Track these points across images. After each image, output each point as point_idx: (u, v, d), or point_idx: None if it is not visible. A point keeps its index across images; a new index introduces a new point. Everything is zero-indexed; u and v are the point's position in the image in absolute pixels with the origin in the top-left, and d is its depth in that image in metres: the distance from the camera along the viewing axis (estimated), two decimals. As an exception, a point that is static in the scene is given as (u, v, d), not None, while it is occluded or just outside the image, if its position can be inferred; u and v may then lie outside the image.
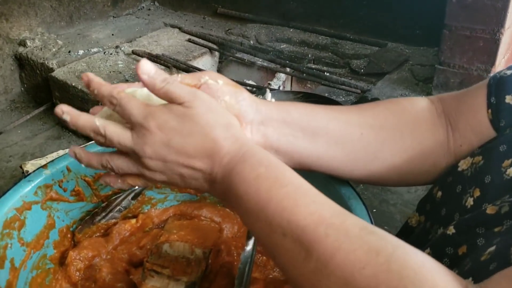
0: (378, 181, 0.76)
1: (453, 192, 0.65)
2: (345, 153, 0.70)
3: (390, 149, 0.71)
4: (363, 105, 0.75)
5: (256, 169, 0.55)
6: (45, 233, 0.83)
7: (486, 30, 1.36)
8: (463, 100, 0.71)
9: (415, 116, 0.72)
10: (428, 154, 0.72)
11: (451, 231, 0.57)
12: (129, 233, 0.91)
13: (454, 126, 0.71)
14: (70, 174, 0.87)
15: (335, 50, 1.93)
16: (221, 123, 0.58)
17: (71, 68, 1.78)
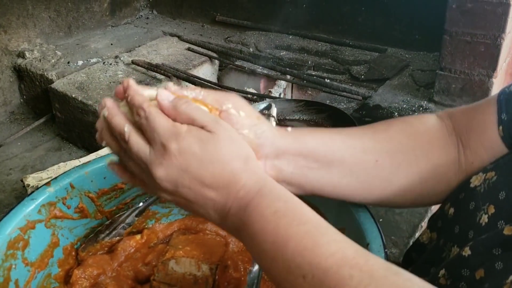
0: (392, 204, 0.76)
1: (466, 209, 0.63)
2: (359, 181, 0.69)
3: (405, 173, 0.70)
4: (376, 127, 0.73)
5: (274, 204, 0.53)
6: (50, 251, 0.82)
7: (487, 35, 1.36)
8: (473, 117, 0.70)
9: (427, 136, 0.71)
10: (441, 174, 0.71)
11: (466, 252, 0.56)
12: (134, 249, 0.90)
13: (465, 144, 0.70)
14: (74, 191, 0.86)
15: (335, 56, 1.92)
16: (241, 155, 0.56)
17: (71, 80, 1.77)
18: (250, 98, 1.68)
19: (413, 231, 1.04)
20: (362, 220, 0.76)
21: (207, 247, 0.89)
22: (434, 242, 0.72)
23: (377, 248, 0.71)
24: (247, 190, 0.55)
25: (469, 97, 1.48)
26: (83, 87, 1.72)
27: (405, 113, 1.52)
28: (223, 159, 0.54)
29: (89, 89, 1.70)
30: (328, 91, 1.68)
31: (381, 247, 0.71)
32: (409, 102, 1.57)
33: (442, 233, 0.70)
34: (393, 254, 0.99)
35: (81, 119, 1.67)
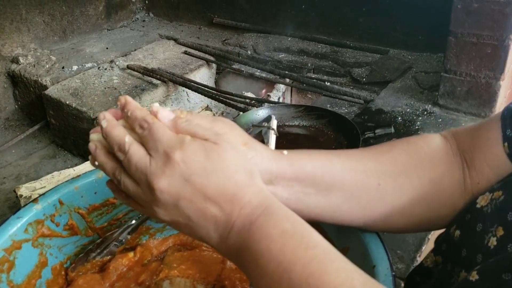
0: (396, 229, 0.72)
1: (473, 231, 0.60)
2: (361, 206, 0.65)
3: (409, 197, 0.66)
4: (378, 148, 0.70)
5: (281, 225, 0.50)
6: (37, 272, 0.78)
7: (494, 37, 1.31)
8: (477, 135, 0.67)
9: (431, 157, 0.68)
10: (446, 196, 0.67)
11: (474, 277, 0.52)
12: (127, 268, 0.86)
13: (470, 164, 0.67)
14: (63, 207, 0.82)
15: (335, 58, 1.88)
16: (246, 168, 0.53)
17: (65, 86, 1.73)
18: (248, 103, 1.64)
19: (420, 244, 1.00)
20: (367, 240, 0.71)
21: (203, 264, 0.85)
22: (440, 266, 0.68)
23: (384, 271, 0.67)
24: (252, 207, 0.51)
25: (475, 100, 1.43)
26: (78, 93, 1.67)
27: (409, 117, 1.47)
28: (228, 169, 0.51)
29: (84, 96, 1.66)
30: (328, 95, 1.64)
31: (388, 270, 0.66)
32: (412, 106, 1.53)
33: (449, 257, 0.66)
34: (399, 270, 0.95)
35: (76, 126, 1.63)
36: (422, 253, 0.99)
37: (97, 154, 0.58)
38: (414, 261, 0.97)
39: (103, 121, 0.56)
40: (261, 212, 0.51)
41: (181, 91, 1.83)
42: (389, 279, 0.65)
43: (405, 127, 1.42)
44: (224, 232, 0.52)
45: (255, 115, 1.34)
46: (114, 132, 0.55)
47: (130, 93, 1.68)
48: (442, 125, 1.43)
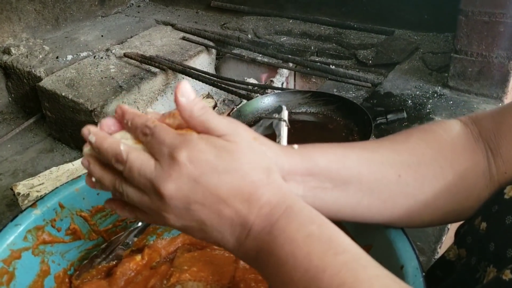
0: (419, 223, 0.67)
1: (502, 224, 0.56)
2: (381, 200, 0.61)
3: (431, 188, 0.61)
4: (395, 138, 0.64)
5: (306, 227, 0.46)
6: (39, 282, 0.74)
7: (507, 14, 1.26)
8: (502, 121, 0.62)
9: (452, 144, 0.63)
10: (471, 187, 0.63)
11: (507, 276, 0.49)
12: (135, 272, 0.81)
13: (495, 151, 0.62)
14: (64, 211, 0.77)
15: (339, 40, 1.82)
16: (262, 166, 0.49)
17: (60, 76, 1.67)
18: (251, 89, 1.58)
19: (440, 235, 0.96)
20: (392, 237, 0.67)
21: (216, 265, 0.81)
22: (463, 260, 0.64)
23: (413, 271, 0.62)
24: (271, 207, 0.47)
25: (486, 81, 1.38)
26: (73, 84, 1.61)
27: (419, 100, 1.42)
28: (242, 168, 0.47)
29: (80, 86, 1.60)
30: (334, 79, 1.58)
31: (417, 270, 0.62)
32: (422, 88, 1.47)
33: (474, 251, 0.61)
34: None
35: (73, 118, 1.57)
36: (442, 244, 0.95)
37: (92, 169, 0.54)
38: (435, 253, 0.93)
39: (90, 136, 0.52)
40: (282, 212, 0.47)
41: (181, 79, 1.77)
42: (419, 280, 0.61)
43: (416, 110, 1.37)
44: (241, 236, 0.48)
45: (261, 103, 1.28)
46: (105, 144, 0.51)
47: (128, 82, 1.62)
48: (453, 107, 1.38)
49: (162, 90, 1.71)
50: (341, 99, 1.28)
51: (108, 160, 0.51)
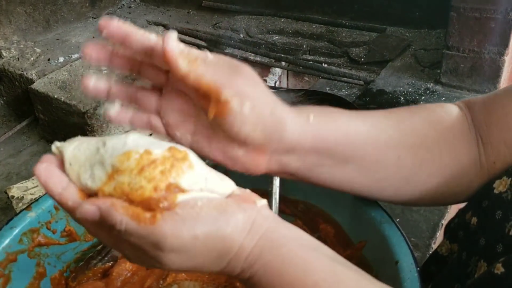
0: (407, 203, 0.68)
1: (492, 219, 0.56)
2: (375, 179, 0.61)
3: (427, 172, 0.62)
4: (400, 114, 0.64)
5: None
6: (35, 284, 0.74)
7: (497, 10, 1.27)
8: (493, 109, 0.62)
9: (452, 128, 0.63)
10: (464, 173, 0.63)
11: (499, 269, 0.49)
12: (131, 272, 0.81)
13: (486, 140, 0.62)
14: (59, 213, 0.77)
15: (331, 38, 1.82)
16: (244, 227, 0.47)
17: (52, 79, 1.66)
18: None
19: (434, 230, 0.96)
20: (387, 233, 0.67)
21: (212, 265, 0.81)
22: (455, 255, 0.64)
23: (408, 267, 0.63)
24: (251, 263, 0.46)
25: (478, 76, 1.39)
26: (66, 86, 1.61)
27: (412, 97, 1.43)
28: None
29: (72, 88, 1.59)
30: (327, 77, 1.59)
31: (412, 265, 0.63)
32: (414, 85, 1.48)
33: (465, 245, 0.62)
34: (415, 259, 0.91)
35: (66, 120, 1.56)
36: (436, 239, 0.95)
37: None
38: (429, 249, 0.93)
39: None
40: (260, 267, 0.46)
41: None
42: (414, 276, 0.61)
43: (409, 107, 1.38)
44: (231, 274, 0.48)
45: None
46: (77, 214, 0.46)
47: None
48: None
49: (155, 90, 1.71)
50: (334, 97, 1.29)
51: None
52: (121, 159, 0.44)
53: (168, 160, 0.44)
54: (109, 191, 0.44)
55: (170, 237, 0.42)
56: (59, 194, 0.46)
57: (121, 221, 0.42)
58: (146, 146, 0.45)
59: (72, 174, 0.46)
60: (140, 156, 0.43)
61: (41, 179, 0.46)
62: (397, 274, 0.62)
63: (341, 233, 0.76)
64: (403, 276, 0.61)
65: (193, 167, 0.45)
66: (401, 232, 0.67)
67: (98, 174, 0.45)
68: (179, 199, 0.43)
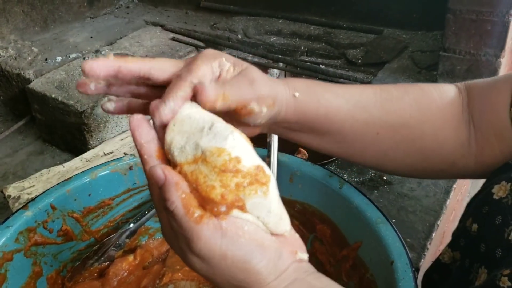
0: (385, 171, 0.75)
1: (492, 224, 0.56)
2: (352, 148, 0.65)
3: (405, 149, 0.64)
4: (392, 92, 0.65)
5: None
6: (32, 283, 0.74)
7: (494, 13, 1.27)
8: (488, 96, 0.63)
9: (442, 111, 0.64)
10: (447, 154, 0.65)
11: (505, 283, 0.48)
12: (127, 272, 0.82)
13: (477, 125, 0.63)
14: (55, 212, 0.77)
15: (328, 40, 1.82)
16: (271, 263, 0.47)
17: (49, 78, 1.65)
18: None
19: (429, 231, 0.96)
20: (383, 233, 0.68)
21: (208, 265, 0.81)
22: (458, 263, 0.64)
23: (403, 266, 0.63)
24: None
25: (475, 78, 1.36)
26: (63, 86, 1.60)
27: (408, 98, 1.43)
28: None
29: (70, 88, 1.59)
30: (324, 78, 1.59)
31: (407, 265, 0.63)
32: (411, 87, 1.48)
33: (467, 253, 0.62)
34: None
35: (63, 120, 1.56)
36: (432, 240, 0.96)
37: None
38: (424, 249, 0.93)
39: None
40: None
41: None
42: (409, 275, 0.62)
43: (405, 109, 1.38)
44: None
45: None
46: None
47: (118, 84, 1.62)
48: (442, 105, 1.39)
49: (152, 91, 1.71)
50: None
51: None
52: (213, 151, 0.43)
53: (249, 176, 0.44)
54: (186, 171, 0.44)
55: (203, 243, 0.42)
56: (141, 144, 0.47)
57: (173, 202, 0.43)
58: (241, 152, 0.44)
59: (168, 135, 0.46)
60: (229, 158, 0.43)
61: (131, 125, 0.48)
62: (392, 274, 0.62)
63: (338, 234, 0.76)
64: (398, 276, 0.62)
65: (267, 195, 0.44)
66: (397, 233, 0.67)
67: (188, 150, 0.45)
68: (234, 214, 0.43)
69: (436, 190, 1.05)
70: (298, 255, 0.47)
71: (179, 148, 0.45)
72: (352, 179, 1.10)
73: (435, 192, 1.05)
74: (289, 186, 0.81)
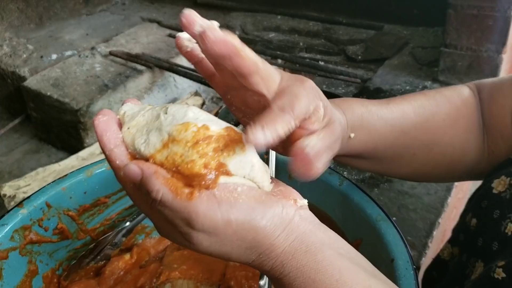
0: (411, 181, 0.78)
1: (490, 219, 0.56)
2: (387, 168, 0.67)
3: (435, 165, 0.66)
4: (429, 108, 0.64)
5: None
6: (27, 282, 0.72)
7: (495, 8, 1.26)
8: (495, 100, 0.63)
9: (467, 123, 0.65)
10: (469, 162, 0.65)
11: (500, 275, 0.48)
12: (124, 271, 0.80)
13: (488, 130, 0.64)
14: (51, 210, 0.75)
15: (328, 36, 1.81)
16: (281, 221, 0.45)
17: (45, 76, 1.64)
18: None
19: (430, 229, 0.95)
20: (383, 231, 0.67)
21: (206, 263, 0.79)
22: (456, 258, 0.63)
23: (404, 264, 0.62)
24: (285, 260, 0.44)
25: (476, 74, 1.38)
26: (59, 84, 1.59)
27: (408, 95, 1.42)
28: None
29: (65, 86, 1.57)
30: (323, 75, 1.57)
31: (408, 263, 0.62)
32: (412, 83, 1.47)
33: (465, 248, 0.62)
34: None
35: (59, 118, 1.55)
36: (433, 239, 0.94)
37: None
38: (425, 248, 0.92)
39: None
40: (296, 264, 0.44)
41: (167, 77, 1.75)
42: (410, 273, 0.61)
43: (406, 105, 1.37)
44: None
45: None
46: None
47: (114, 81, 1.60)
48: (443, 102, 1.38)
49: (148, 88, 1.69)
50: (331, 95, 1.28)
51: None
52: (179, 129, 0.43)
53: (222, 139, 0.43)
54: (160, 159, 0.43)
55: (202, 217, 0.40)
56: (110, 150, 0.45)
57: (158, 190, 0.41)
58: (205, 121, 0.43)
59: (127, 137, 0.46)
60: (197, 129, 0.42)
61: (97, 130, 0.46)
62: (393, 272, 0.61)
63: (337, 231, 0.74)
64: (399, 274, 0.61)
65: (245, 151, 0.44)
66: (397, 230, 0.66)
67: (153, 140, 0.44)
68: (221, 180, 0.42)
69: (437, 188, 1.04)
70: (298, 202, 0.46)
71: (143, 142, 0.44)
72: (352, 176, 1.09)
73: (436, 189, 1.04)
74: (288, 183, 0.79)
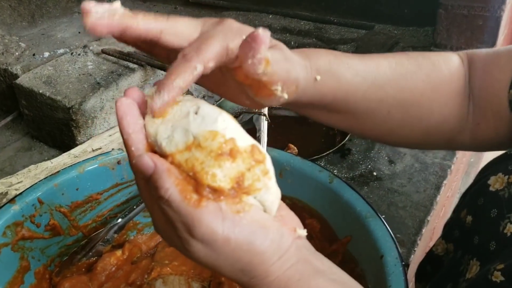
0: (387, 144, 0.80)
1: (487, 217, 0.55)
2: (362, 127, 0.65)
3: (411, 127, 0.64)
4: (406, 66, 0.63)
5: None
6: (19, 278, 0.73)
7: (485, 8, 1.27)
8: (489, 72, 0.62)
9: (450, 88, 0.63)
10: (448, 131, 0.65)
11: (498, 278, 0.48)
12: (115, 267, 0.81)
13: (476, 102, 0.63)
14: (43, 207, 0.76)
15: (319, 35, 1.82)
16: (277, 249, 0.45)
17: (37, 74, 1.63)
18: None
19: (419, 227, 0.96)
20: (372, 228, 0.68)
21: (197, 260, 0.80)
22: (451, 255, 0.64)
23: (393, 261, 0.63)
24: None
25: (465, 74, 1.39)
26: (51, 82, 1.58)
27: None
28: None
29: (58, 84, 1.57)
30: (314, 74, 1.58)
31: (397, 260, 0.63)
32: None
33: (460, 244, 0.62)
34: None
35: (51, 116, 1.54)
36: (422, 236, 0.96)
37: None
38: (414, 245, 0.93)
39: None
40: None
41: (160, 75, 1.75)
42: (399, 270, 0.62)
43: (396, 104, 1.38)
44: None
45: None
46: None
47: (106, 79, 1.60)
48: (432, 101, 1.40)
49: (140, 86, 1.69)
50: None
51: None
52: (206, 136, 0.41)
53: (247, 158, 0.42)
54: (179, 160, 0.41)
55: (204, 227, 0.40)
56: (128, 134, 0.43)
57: (167, 189, 0.40)
58: (234, 133, 0.42)
59: (150, 127, 0.43)
60: (224, 140, 0.41)
61: (118, 112, 0.43)
62: (382, 269, 0.62)
63: (327, 228, 0.76)
64: (388, 271, 0.61)
65: (265, 175, 0.43)
66: (386, 227, 0.67)
67: (177, 139, 0.42)
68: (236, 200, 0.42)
69: (427, 186, 1.05)
70: (297, 232, 0.46)
71: (166, 138, 0.42)
72: (342, 174, 1.10)
73: (425, 187, 1.05)
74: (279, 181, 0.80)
